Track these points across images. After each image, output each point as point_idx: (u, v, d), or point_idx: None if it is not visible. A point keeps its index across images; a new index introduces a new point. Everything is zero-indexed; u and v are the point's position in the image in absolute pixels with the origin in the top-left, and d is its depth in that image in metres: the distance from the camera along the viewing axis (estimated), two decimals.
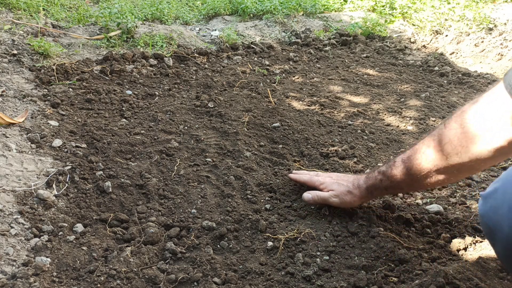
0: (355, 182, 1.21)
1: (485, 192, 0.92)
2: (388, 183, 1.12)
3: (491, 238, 0.91)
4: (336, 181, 1.24)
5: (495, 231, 0.86)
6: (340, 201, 1.21)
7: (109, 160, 1.43)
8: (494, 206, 0.87)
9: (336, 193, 1.21)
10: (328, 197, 1.22)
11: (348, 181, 1.23)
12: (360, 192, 1.19)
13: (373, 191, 1.17)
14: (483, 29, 2.89)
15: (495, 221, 0.86)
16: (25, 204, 1.18)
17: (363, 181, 1.19)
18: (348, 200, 1.20)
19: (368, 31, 2.92)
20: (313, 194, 1.25)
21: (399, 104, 2.04)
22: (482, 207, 0.91)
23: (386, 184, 1.13)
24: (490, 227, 0.88)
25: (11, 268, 0.99)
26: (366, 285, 1.01)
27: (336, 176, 1.28)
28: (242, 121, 1.73)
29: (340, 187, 1.22)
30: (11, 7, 2.41)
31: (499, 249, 0.89)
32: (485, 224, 0.91)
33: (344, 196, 1.20)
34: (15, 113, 1.59)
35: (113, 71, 2.03)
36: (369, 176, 1.18)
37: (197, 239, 1.15)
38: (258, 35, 2.79)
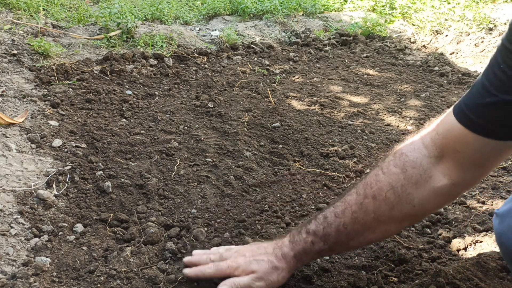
0: (278, 252, 0.95)
1: (500, 210, 0.85)
2: (321, 245, 0.92)
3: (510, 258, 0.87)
4: (253, 259, 0.95)
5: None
6: (266, 283, 0.93)
7: (109, 160, 1.43)
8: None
9: (259, 275, 0.93)
10: (250, 283, 0.92)
11: (267, 253, 0.96)
12: (287, 264, 0.95)
13: (302, 258, 0.95)
14: (483, 29, 2.89)
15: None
16: (25, 204, 1.18)
17: (288, 247, 0.95)
18: (275, 279, 0.94)
19: (368, 31, 2.92)
20: (230, 284, 0.93)
21: (399, 104, 2.04)
22: (499, 226, 0.85)
23: (319, 247, 0.92)
24: (508, 247, 0.84)
25: (11, 268, 0.99)
26: (366, 285, 1.01)
27: (249, 251, 0.99)
28: (242, 121, 1.73)
29: (260, 266, 0.94)
30: (11, 7, 2.41)
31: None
32: (503, 244, 0.85)
33: (270, 275, 0.93)
34: (15, 113, 1.59)
35: (113, 71, 2.03)
36: (295, 240, 0.95)
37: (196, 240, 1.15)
38: (258, 35, 2.79)
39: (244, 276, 0.93)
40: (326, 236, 0.91)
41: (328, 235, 0.91)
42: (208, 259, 1.01)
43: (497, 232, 0.86)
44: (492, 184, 1.46)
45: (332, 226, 0.90)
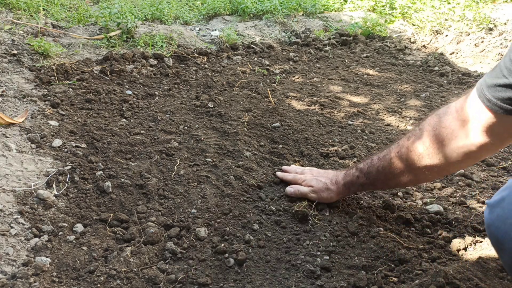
0: (334, 178, 1.26)
1: (491, 200, 0.91)
2: (364, 180, 1.18)
3: (498, 248, 0.89)
4: (316, 177, 1.29)
5: (503, 241, 0.85)
6: (317, 196, 1.25)
7: (109, 160, 1.43)
8: (502, 215, 0.86)
9: (315, 189, 1.26)
10: (307, 192, 1.27)
11: (327, 177, 1.27)
12: (337, 188, 1.24)
13: (350, 187, 1.22)
14: (483, 29, 2.89)
15: (503, 231, 0.85)
16: (25, 204, 1.18)
17: (341, 177, 1.24)
18: (325, 196, 1.25)
19: (368, 31, 2.92)
20: (295, 188, 1.30)
21: (399, 104, 2.04)
22: (489, 216, 0.90)
23: (362, 181, 1.18)
24: (498, 237, 0.87)
25: (11, 268, 0.99)
26: (366, 285, 1.01)
27: (317, 172, 1.34)
28: (242, 121, 1.73)
29: (318, 183, 1.26)
30: (11, 7, 2.41)
31: (507, 259, 0.88)
32: (492, 233, 0.89)
33: (322, 192, 1.25)
34: (15, 113, 1.59)
35: (113, 71, 2.03)
36: (347, 173, 1.23)
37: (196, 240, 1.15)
38: (258, 35, 2.79)
39: (306, 187, 1.28)
40: (368, 173, 1.16)
41: (370, 173, 1.16)
42: (294, 171, 1.39)
43: (487, 222, 0.91)
44: (492, 184, 1.46)
45: (374, 166, 1.15)
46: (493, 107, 0.85)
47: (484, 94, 0.87)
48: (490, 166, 1.59)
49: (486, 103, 0.86)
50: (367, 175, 1.17)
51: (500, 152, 1.67)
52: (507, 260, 0.88)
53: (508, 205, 0.85)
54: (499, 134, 0.89)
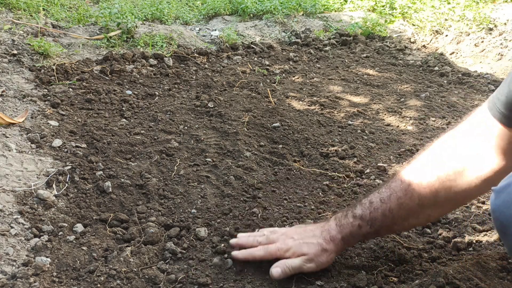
0: (326, 235, 1.01)
1: (497, 186, 0.90)
2: (367, 228, 0.99)
3: (502, 233, 0.89)
4: (303, 241, 1.01)
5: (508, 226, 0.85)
6: (316, 265, 1.00)
7: (109, 160, 1.43)
8: (507, 200, 0.85)
9: (310, 256, 1.00)
10: (301, 265, 0.99)
11: (316, 236, 1.02)
12: (335, 246, 1.01)
13: (349, 240, 1.02)
14: (483, 29, 2.89)
15: (508, 215, 0.85)
16: (25, 204, 1.18)
17: (335, 231, 1.01)
18: (324, 260, 1.01)
19: (368, 31, 2.92)
20: (282, 266, 0.99)
21: (399, 104, 2.04)
22: (494, 202, 0.89)
23: (366, 230, 0.99)
24: (502, 222, 0.87)
25: (11, 268, 0.99)
26: (366, 285, 1.00)
27: (297, 233, 1.04)
28: (242, 121, 1.73)
29: (311, 248, 1.00)
30: (11, 7, 2.41)
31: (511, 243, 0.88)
32: (497, 218, 0.89)
33: (320, 257, 1.00)
34: (15, 113, 1.59)
35: (113, 71, 2.03)
36: (342, 223, 1.01)
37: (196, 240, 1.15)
38: (258, 35, 2.79)
39: (295, 258, 0.99)
40: (372, 220, 0.98)
41: (374, 219, 0.97)
42: (256, 241, 1.05)
43: (492, 207, 0.90)
44: None
45: (378, 211, 0.97)
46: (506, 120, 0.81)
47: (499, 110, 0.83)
48: None
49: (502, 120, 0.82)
50: (371, 223, 0.98)
51: None
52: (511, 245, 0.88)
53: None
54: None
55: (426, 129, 1.81)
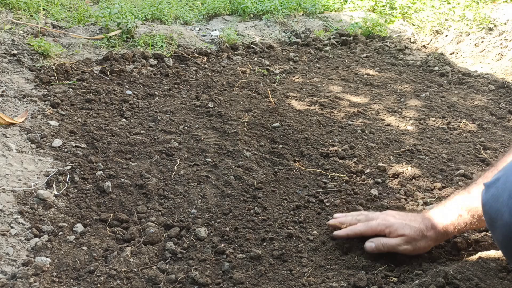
0: (427, 222, 1.04)
1: (488, 181, 0.91)
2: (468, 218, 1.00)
3: (491, 226, 0.90)
4: (406, 223, 1.04)
5: (496, 219, 0.86)
6: (413, 248, 1.03)
7: (109, 160, 1.43)
8: (495, 194, 0.86)
9: (408, 238, 1.02)
10: (398, 245, 1.03)
11: (417, 221, 1.04)
12: (436, 234, 1.03)
13: (450, 230, 1.03)
14: (483, 29, 2.89)
15: (496, 209, 0.86)
16: (25, 204, 1.18)
17: (438, 219, 1.03)
18: (422, 245, 1.03)
19: (368, 31, 2.92)
20: (377, 242, 1.05)
21: (399, 104, 2.04)
22: (484, 196, 0.90)
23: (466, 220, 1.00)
24: (491, 215, 0.88)
25: (11, 268, 0.99)
26: (366, 285, 1.00)
27: (399, 215, 1.08)
28: (242, 121, 1.73)
29: (412, 231, 1.03)
30: (11, 7, 2.41)
31: (499, 236, 0.89)
32: (486, 212, 0.90)
33: (418, 241, 1.03)
34: (15, 113, 1.59)
35: (113, 71, 2.03)
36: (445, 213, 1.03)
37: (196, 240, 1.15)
38: (258, 35, 2.79)
39: (393, 238, 1.03)
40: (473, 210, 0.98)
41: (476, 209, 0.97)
42: (355, 220, 1.11)
43: (482, 202, 0.91)
44: None
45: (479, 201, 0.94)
46: None
47: None
48: None
49: None
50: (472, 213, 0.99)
51: (500, 152, 1.67)
52: (499, 237, 0.89)
53: (502, 184, 0.86)
54: None
55: (426, 129, 1.81)
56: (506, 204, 0.83)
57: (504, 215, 0.83)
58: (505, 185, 0.85)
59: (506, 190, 0.84)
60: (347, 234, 1.10)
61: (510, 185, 0.83)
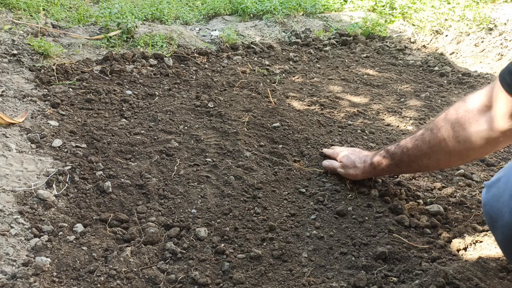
0: (363, 157, 1.33)
1: (489, 181, 0.93)
2: (389, 161, 1.23)
3: (492, 226, 0.91)
4: (348, 154, 1.38)
5: (496, 219, 0.87)
6: (345, 172, 1.36)
7: (109, 160, 1.43)
8: (496, 194, 0.88)
9: (343, 164, 1.36)
10: (337, 167, 1.38)
11: (358, 156, 1.35)
12: (364, 167, 1.31)
13: (376, 167, 1.28)
14: (483, 29, 2.89)
15: (497, 209, 0.87)
16: (25, 204, 1.18)
17: (370, 157, 1.31)
18: (351, 173, 1.34)
19: (368, 31, 2.92)
20: (330, 162, 1.42)
21: (399, 104, 2.04)
22: (485, 196, 0.92)
23: (388, 161, 1.24)
24: (491, 215, 0.89)
25: (11, 268, 0.99)
26: (366, 285, 1.01)
27: (352, 150, 1.41)
28: (242, 121, 1.73)
29: (348, 160, 1.35)
30: (11, 7, 2.41)
31: (499, 236, 0.89)
32: (487, 212, 0.91)
33: (349, 169, 1.34)
34: (15, 113, 1.59)
35: (113, 71, 2.03)
36: (376, 153, 1.30)
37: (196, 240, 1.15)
38: (258, 35, 2.79)
39: (338, 162, 1.40)
40: (393, 154, 1.22)
41: (395, 154, 1.21)
42: (336, 148, 1.51)
43: (483, 201, 0.94)
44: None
45: (399, 147, 1.20)
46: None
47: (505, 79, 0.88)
48: (490, 166, 1.59)
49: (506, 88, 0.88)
50: (392, 156, 1.22)
51: (500, 152, 1.67)
52: (499, 237, 0.90)
53: (503, 185, 0.88)
54: None
55: None
56: (507, 204, 0.84)
57: (504, 215, 0.84)
58: (506, 186, 0.85)
59: (507, 190, 0.85)
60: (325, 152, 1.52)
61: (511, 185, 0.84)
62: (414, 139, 1.15)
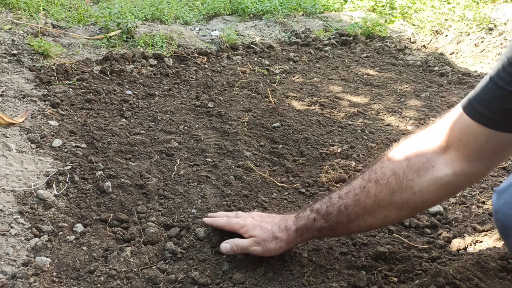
0: (282, 224, 1.03)
1: (499, 187, 0.88)
2: (321, 223, 0.98)
3: (505, 233, 0.88)
4: (259, 224, 1.04)
5: (509, 226, 0.84)
6: (263, 249, 1.01)
7: (109, 160, 1.43)
8: (509, 201, 0.84)
9: (258, 239, 1.01)
10: (249, 246, 1.02)
11: (273, 223, 1.04)
12: (287, 236, 1.01)
13: (303, 233, 1.01)
14: (483, 29, 2.89)
15: (510, 216, 0.83)
16: (25, 204, 1.18)
17: (292, 221, 1.02)
18: (272, 247, 1.01)
19: (368, 31, 2.92)
20: (232, 243, 1.05)
21: (399, 104, 2.04)
22: (496, 202, 0.87)
23: (320, 224, 0.99)
24: (504, 222, 0.86)
25: (11, 268, 0.99)
26: (366, 285, 1.00)
27: (259, 216, 1.08)
28: (242, 121, 1.73)
29: (263, 232, 1.02)
30: (11, 7, 2.41)
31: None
32: (498, 219, 0.88)
33: (268, 243, 1.01)
34: (15, 113, 1.59)
35: (113, 71, 2.03)
36: (300, 216, 1.02)
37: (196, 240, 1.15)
38: (258, 35, 2.79)
39: (246, 238, 1.03)
40: (327, 215, 0.97)
41: (329, 214, 0.97)
42: (225, 215, 1.14)
43: (494, 208, 0.88)
44: (492, 184, 1.46)
45: (334, 206, 0.96)
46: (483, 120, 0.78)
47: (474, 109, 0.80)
48: None
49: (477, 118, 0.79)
50: (326, 217, 0.97)
51: None
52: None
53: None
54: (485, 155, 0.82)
55: None
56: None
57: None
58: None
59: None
60: (211, 223, 1.13)
61: None
62: (353, 194, 0.94)
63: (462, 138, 0.83)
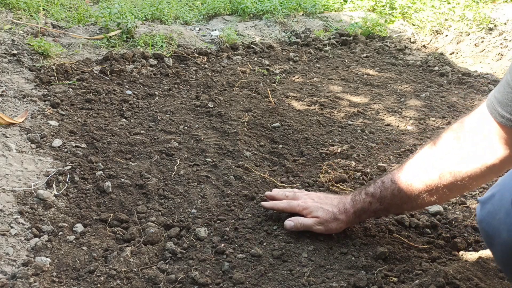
0: (341, 206, 1.12)
1: (483, 197, 0.92)
2: (377, 205, 1.07)
3: (489, 243, 0.90)
4: (321, 206, 1.13)
5: (493, 237, 0.86)
6: (325, 228, 1.12)
7: (109, 160, 1.43)
8: (492, 211, 0.87)
9: (321, 220, 1.11)
10: (312, 225, 1.12)
11: (333, 205, 1.13)
12: (347, 217, 1.11)
13: (361, 215, 1.11)
14: (483, 29, 2.89)
15: (493, 226, 0.86)
16: (25, 204, 1.18)
17: (349, 204, 1.11)
18: (334, 227, 1.12)
19: (368, 31, 2.92)
20: (296, 221, 1.14)
21: (399, 104, 2.04)
22: (480, 212, 0.91)
23: (376, 207, 1.08)
24: (488, 233, 0.88)
25: (11, 268, 0.99)
26: (366, 285, 1.00)
27: (318, 198, 1.17)
28: (242, 121, 1.73)
29: (325, 214, 1.12)
30: (11, 7, 2.41)
31: (497, 254, 0.89)
32: (483, 229, 0.90)
33: (330, 223, 1.11)
34: (15, 113, 1.59)
35: (113, 71, 2.03)
36: (356, 199, 1.11)
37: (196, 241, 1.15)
38: (258, 35, 2.79)
39: (309, 218, 1.13)
40: (382, 198, 1.06)
41: (384, 198, 1.06)
42: (284, 195, 1.22)
43: (478, 218, 0.91)
44: (491, 184, 1.46)
45: (388, 190, 1.04)
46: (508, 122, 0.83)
47: (497, 111, 0.85)
48: None
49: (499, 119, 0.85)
50: (380, 200, 1.06)
51: None
52: (498, 255, 0.89)
53: (498, 201, 0.86)
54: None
55: (426, 129, 1.81)
56: (503, 222, 0.83)
57: (502, 233, 0.83)
58: (501, 202, 0.85)
59: (502, 207, 0.84)
60: (272, 207, 1.21)
61: (506, 202, 0.83)
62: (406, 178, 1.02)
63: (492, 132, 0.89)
